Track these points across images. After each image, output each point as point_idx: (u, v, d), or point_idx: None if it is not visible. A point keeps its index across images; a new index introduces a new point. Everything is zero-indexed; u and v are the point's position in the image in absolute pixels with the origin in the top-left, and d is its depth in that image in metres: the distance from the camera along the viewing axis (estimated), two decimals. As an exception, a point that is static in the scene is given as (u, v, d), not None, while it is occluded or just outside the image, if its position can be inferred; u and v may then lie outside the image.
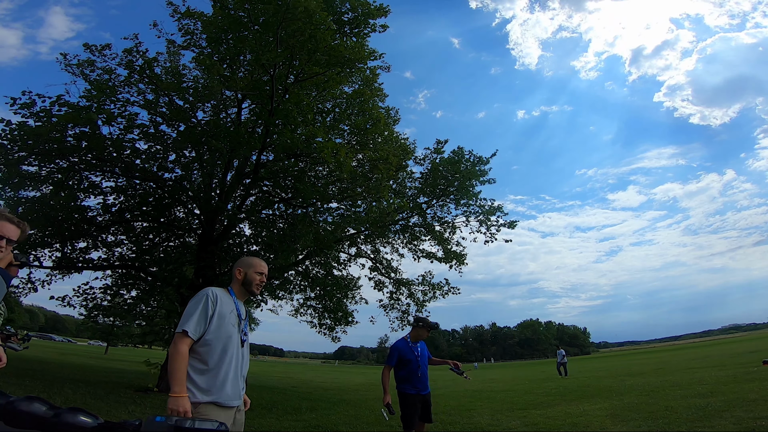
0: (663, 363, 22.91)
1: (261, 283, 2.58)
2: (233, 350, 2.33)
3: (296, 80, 9.65)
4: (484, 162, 13.05)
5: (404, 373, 4.44)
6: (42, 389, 8.13)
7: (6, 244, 2.01)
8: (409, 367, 4.43)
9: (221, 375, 2.24)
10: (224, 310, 2.36)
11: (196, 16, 10.58)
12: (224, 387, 2.23)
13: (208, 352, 2.25)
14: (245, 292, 2.56)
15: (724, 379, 10.26)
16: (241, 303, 2.54)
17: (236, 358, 2.35)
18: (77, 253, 11.18)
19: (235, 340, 2.35)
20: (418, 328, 4.64)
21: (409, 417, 4.29)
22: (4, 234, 1.99)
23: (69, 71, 10.27)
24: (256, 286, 2.57)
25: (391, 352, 4.54)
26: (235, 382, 2.31)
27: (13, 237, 2.04)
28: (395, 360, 4.44)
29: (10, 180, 9.44)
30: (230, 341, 2.32)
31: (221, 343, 2.29)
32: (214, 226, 11.37)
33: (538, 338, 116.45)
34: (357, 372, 43.72)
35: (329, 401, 11.38)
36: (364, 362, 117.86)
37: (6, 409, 0.86)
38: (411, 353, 4.47)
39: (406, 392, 4.38)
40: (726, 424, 5.41)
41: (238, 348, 2.37)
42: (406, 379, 4.42)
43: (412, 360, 4.44)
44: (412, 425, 4.33)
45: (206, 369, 2.22)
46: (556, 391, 12.50)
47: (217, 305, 2.33)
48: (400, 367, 4.45)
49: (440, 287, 13.30)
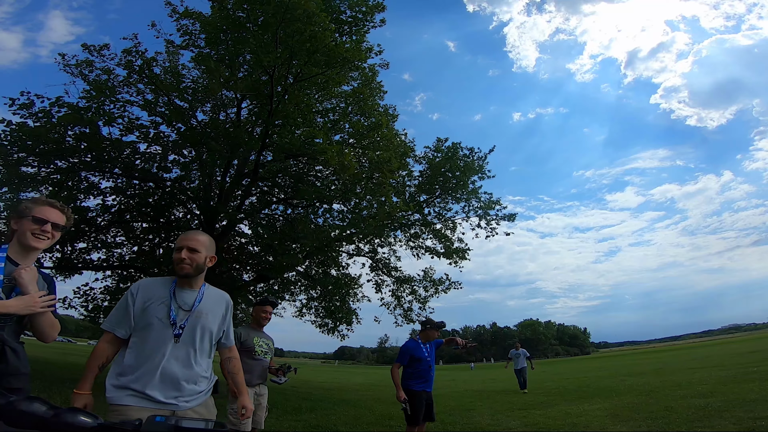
0: (663, 363, 22.92)
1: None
2: (157, 347, 1.97)
3: (295, 80, 9.65)
4: (482, 158, 13.05)
5: (413, 371, 4.63)
6: (42, 389, 8.11)
7: (52, 229, 2.00)
8: (419, 366, 4.63)
9: (138, 374, 1.92)
10: (148, 300, 2.04)
11: (195, 17, 10.59)
12: (151, 387, 1.90)
13: (131, 350, 1.99)
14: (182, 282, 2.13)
15: (724, 379, 10.27)
16: (193, 292, 2.13)
17: (163, 355, 1.96)
18: (77, 254, 11.17)
19: (160, 335, 1.98)
20: (426, 330, 4.83)
21: (415, 413, 4.46)
22: (49, 218, 1.98)
23: (68, 71, 10.25)
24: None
25: (402, 351, 4.75)
26: (163, 384, 1.93)
27: (60, 222, 2.04)
28: (407, 359, 4.65)
29: (10, 181, 9.43)
30: (150, 336, 1.98)
31: (140, 338, 2.00)
32: (214, 226, 11.36)
33: (538, 338, 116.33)
34: (357, 372, 43.71)
35: (329, 401, 11.37)
36: (364, 362, 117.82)
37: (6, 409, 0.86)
38: (421, 353, 4.67)
39: (414, 389, 4.55)
40: (726, 424, 5.41)
41: (167, 344, 1.98)
42: (415, 377, 4.61)
43: (422, 359, 4.65)
44: (418, 421, 4.48)
45: (128, 367, 1.95)
46: (556, 391, 12.51)
47: (138, 297, 2.04)
48: (410, 365, 4.65)
49: (442, 283, 13.30)
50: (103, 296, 11.37)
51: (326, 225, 11.87)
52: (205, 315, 2.13)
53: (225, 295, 2.30)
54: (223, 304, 2.26)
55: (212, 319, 2.16)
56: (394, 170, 10.40)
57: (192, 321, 2.07)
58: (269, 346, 4.34)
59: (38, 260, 9.15)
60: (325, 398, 12.32)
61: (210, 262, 2.22)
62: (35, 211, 1.96)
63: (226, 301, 2.28)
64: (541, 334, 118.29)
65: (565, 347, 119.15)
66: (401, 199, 12.17)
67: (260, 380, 4.22)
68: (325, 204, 11.81)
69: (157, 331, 2.00)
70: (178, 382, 1.97)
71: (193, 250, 2.11)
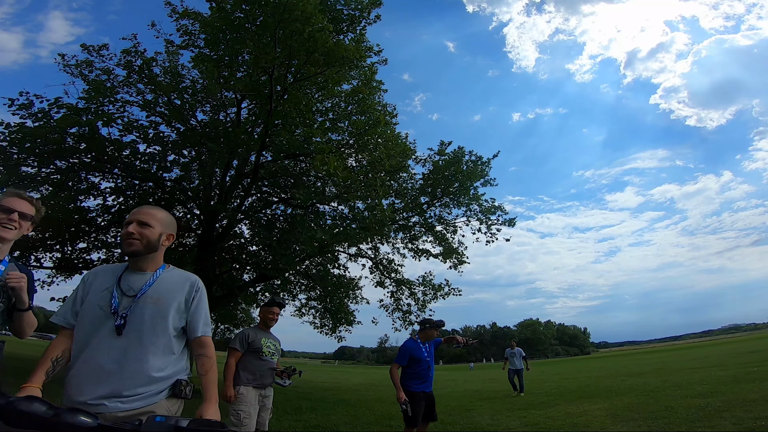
0: (663, 363, 22.92)
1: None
2: (90, 339, 1.71)
3: (295, 80, 9.65)
4: (486, 164, 13.04)
5: (412, 371, 4.60)
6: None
7: (20, 218, 2.03)
8: (418, 366, 4.60)
9: (74, 370, 1.71)
10: (94, 288, 1.81)
11: (194, 17, 10.58)
12: (76, 386, 1.67)
13: (73, 344, 1.77)
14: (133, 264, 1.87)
15: (724, 379, 10.26)
16: (144, 275, 1.84)
17: (100, 349, 1.69)
18: (77, 254, 11.17)
19: (97, 326, 1.72)
20: (426, 330, 4.80)
21: (414, 414, 4.43)
22: (15, 208, 2.01)
23: (68, 71, 10.26)
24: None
25: (401, 352, 4.70)
26: (89, 383, 1.65)
27: (27, 211, 2.07)
28: (406, 359, 4.61)
29: (10, 181, 9.43)
30: (85, 327, 1.74)
31: (80, 329, 1.76)
32: (214, 226, 11.36)
33: (538, 338, 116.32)
34: (357, 372, 43.69)
35: (329, 401, 11.37)
36: (364, 362, 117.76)
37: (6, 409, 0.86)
38: (421, 353, 4.64)
39: (413, 390, 4.52)
40: (726, 424, 5.41)
41: (102, 337, 1.71)
42: (414, 377, 4.58)
43: (422, 359, 4.61)
44: (416, 422, 4.45)
45: (71, 363, 1.75)
46: (556, 391, 12.50)
47: (89, 285, 1.83)
48: (409, 365, 4.61)
49: (441, 288, 13.29)
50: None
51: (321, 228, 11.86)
52: (157, 301, 1.79)
53: (191, 277, 1.94)
54: (186, 287, 1.88)
55: (166, 305, 1.80)
56: (387, 170, 10.38)
57: (138, 309, 1.75)
58: (276, 347, 4.33)
59: (38, 260, 9.06)
60: (325, 398, 12.31)
61: (167, 241, 1.92)
62: (2, 201, 2.01)
63: (191, 283, 1.90)
64: (541, 334, 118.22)
65: (565, 347, 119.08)
66: (402, 200, 12.17)
67: (267, 381, 4.18)
68: (322, 205, 11.79)
69: (93, 322, 1.73)
70: (109, 380, 1.64)
71: (144, 224, 1.82)
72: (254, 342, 4.12)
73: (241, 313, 16.98)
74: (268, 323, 4.39)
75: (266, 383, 4.17)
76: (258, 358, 4.10)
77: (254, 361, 4.08)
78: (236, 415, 3.85)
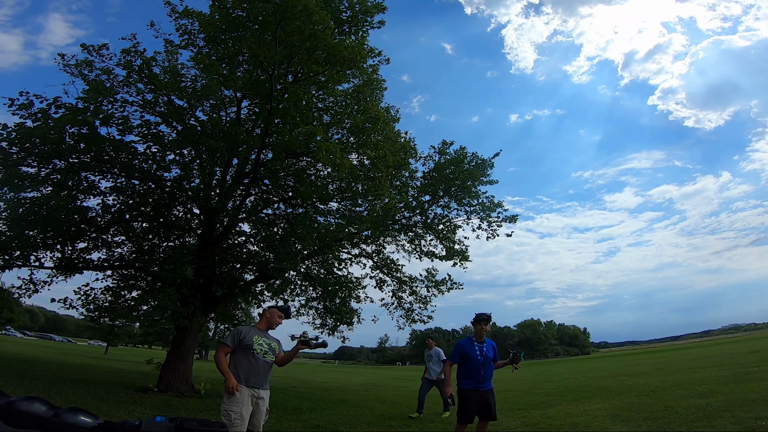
0: (663, 363, 22.90)
1: None
2: None
3: (295, 79, 9.63)
4: (489, 164, 13.03)
5: (465, 369, 4.71)
6: (42, 389, 8.11)
7: None
8: (470, 364, 4.68)
9: None
10: None
11: (194, 16, 10.56)
12: None
13: None
14: None
15: (724, 379, 10.26)
16: None
17: None
18: (77, 254, 11.16)
19: None
20: (475, 325, 4.86)
21: (464, 411, 4.51)
22: None
23: (67, 71, 10.24)
24: None
25: (454, 349, 4.85)
26: None
27: None
28: (458, 357, 4.74)
29: (10, 181, 9.43)
30: None
31: None
32: (214, 226, 11.35)
33: (538, 338, 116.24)
34: (357, 372, 43.69)
35: (329, 401, 11.38)
36: (364, 362, 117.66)
37: (6, 409, 0.86)
38: (473, 351, 4.71)
39: (464, 387, 4.62)
40: (726, 424, 5.41)
41: None
42: (466, 375, 4.68)
43: (473, 358, 4.68)
44: (467, 419, 4.53)
45: None
46: (556, 391, 12.51)
47: None
48: (462, 363, 4.73)
49: (444, 283, 13.29)
50: (104, 296, 11.36)
51: (324, 225, 11.84)
52: None
53: None
54: None
55: None
56: (390, 166, 10.37)
57: None
58: (270, 346, 4.20)
59: (38, 260, 9.11)
60: (325, 398, 12.32)
61: None
62: None
63: None
64: (542, 334, 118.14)
65: (565, 347, 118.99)
66: (403, 197, 12.14)
67: (261, 382, 4.05)
68: (323, 204, 11.77)
69: None
70: None
71: None
72: (245, 339, 4.04)
73: (240, 313, 17.00)
74: (273, 325, 4.36)
75: (260, 383, 4.03)
76: (249, 357, 4.01)
77: (245, 359, 4.00)
78: (227, 416, 3.75)
